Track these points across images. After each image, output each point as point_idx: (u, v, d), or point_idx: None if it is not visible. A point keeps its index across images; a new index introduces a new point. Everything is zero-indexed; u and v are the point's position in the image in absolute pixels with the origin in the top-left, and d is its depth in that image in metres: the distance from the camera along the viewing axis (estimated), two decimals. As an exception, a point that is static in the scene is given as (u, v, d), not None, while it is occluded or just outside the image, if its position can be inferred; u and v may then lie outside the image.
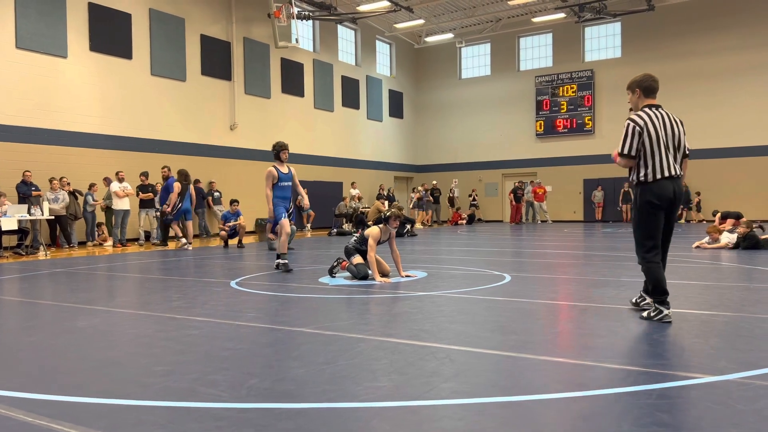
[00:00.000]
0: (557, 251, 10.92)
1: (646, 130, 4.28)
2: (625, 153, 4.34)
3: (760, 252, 9.74)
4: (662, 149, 4.27)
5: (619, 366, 3.14)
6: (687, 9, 23.03)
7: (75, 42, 14.88)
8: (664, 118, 4.33)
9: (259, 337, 4.01)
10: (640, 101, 4.47)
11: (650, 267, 4.32)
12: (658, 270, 4.30)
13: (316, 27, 23.28)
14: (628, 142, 4.33)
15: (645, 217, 4.33)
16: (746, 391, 2.68)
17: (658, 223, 4.32)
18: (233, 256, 10.83)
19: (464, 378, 2.97)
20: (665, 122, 4.32)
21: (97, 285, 7.21)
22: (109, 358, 3.54)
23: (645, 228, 4.35)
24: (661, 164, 4.27)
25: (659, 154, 4.27)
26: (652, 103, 4.43)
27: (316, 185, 22.43)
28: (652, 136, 4.27)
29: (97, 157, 15.18)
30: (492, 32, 26.67)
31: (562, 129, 25.88)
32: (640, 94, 4.47)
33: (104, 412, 2.58)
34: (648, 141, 4.27)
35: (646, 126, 4.28)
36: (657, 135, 4.27)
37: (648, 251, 4.34)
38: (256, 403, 2.64)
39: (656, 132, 4.27)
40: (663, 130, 4.30)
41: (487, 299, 5.47)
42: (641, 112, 4.39)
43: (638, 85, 4.47)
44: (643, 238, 4.36)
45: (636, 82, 4.50)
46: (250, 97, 19.96)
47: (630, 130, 4.32)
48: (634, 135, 4.30)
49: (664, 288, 4.27)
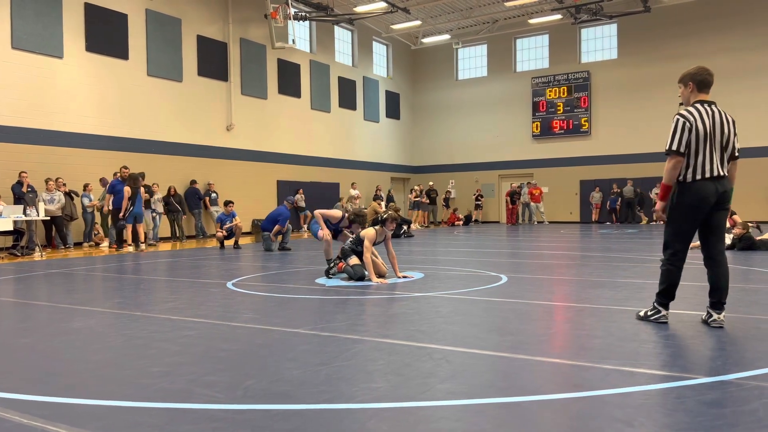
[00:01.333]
0: (554, 252, 10.94)
1: (695, 126, 4.00)
2: (674, 149, 4.02)
3: (756, 253, 9.77)
4: (708, 148, 4.00)
5: (615, 367, 3.15)
6: (683, 11, 23.11)
7: (71, 42, 14.84)
8: (715, 116, 4.03)
9: (256, 338, 4.01)
10: (692, 95, 4.17)
11: (670, 270, 4.19)
12: (677, 275, 4.17)
13: (313, 28, 23.27)
14: (677, 137, 4.02)
15: (679, 218, 4.12)
16: (741, 392, 2.69)
17: (692, 226, 4.10)
18: (230, 257, 10.82)
19: (461, 379, 2.98)
20: (716, 120, 4.03)
21: (93, 286, 7.20)
22: (105, 360, 3.53)
23: (677, 229, 4.15)
24: (704, 164, 4.01)
25: (704, 153, 4.00)
26: (705, 98, 4.13)
27: (313, 186, 22.43)
28: (700, 133, 3.99)
29: (93, 158, 15.15)
30: (489, 33, 26.71)
31: (558, 130, 25.93)
32: (693, 87, 4.16)
33: (100, 413, 2.58)
34: (695, 138, 4.00)
35: (696, 122, 4.00)
36: (705, 132, 3.99)
37: (673, 253, 4.17)
38: (252, 404, 2.63)
39: (705, 129, 3.99)
40: (713, 128, 4.01)
41: (483, 300, 5.47)
42: (691, 107, 4.10)
43: (692, 78, 4.15)
44: (672, 238, 4.18)
45: (690, 75, 4.17)
46: (247, 98, 19.95)
47: (680, 125, 4.03)
48: (684, 130, 4.01)
49: (673, 294, 4.22)
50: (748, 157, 21.83)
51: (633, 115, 24.02)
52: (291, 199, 14.24)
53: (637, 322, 4.28)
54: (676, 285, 4.21)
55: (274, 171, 20.98)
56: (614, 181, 24.04)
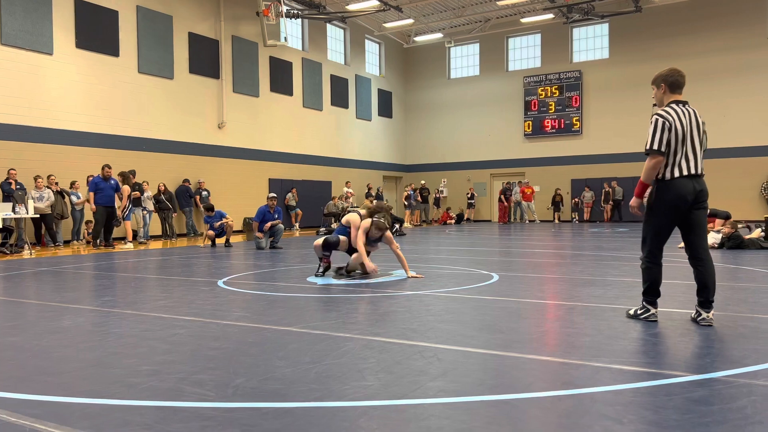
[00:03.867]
0: (545, 251, 10.98)
1: (674, 125, 4.09)
2: (655, 149, 4.08)
3: (745, 252, 9.85)
4: (687, 147, 4.11)
5: (605, 364, 3.16)
6: (674, 11, 23.24)
7: (61, 39, 14.74)
8: (690, 116, 4.15)
9: (246, 336, 4.00)
10: (665, 97, 4.28)
11: (651, 267, 4.25)
12: (658, 271, 4.24)
13: (305, 26, 23.23)
14: (657, 137, 4.09)
15: (657, 216, 4.18)
16: (730, 389, 2.71)
17: (670, 225, 4.17)
18: (221, 256, 10.78)
19: (451, 377, 2.98)
20: (691, 119, 4.14)
21: (83, 284, 7.15)
22: (95, 358, 3.51)
23: (655, 226, 4.21)
24: (681, 162, 4.09)
25: (682, 152, 4.10)
26: (678, 98, 4.24)
27: (305, 184, 22.40)
28: (678, 132, 4.08)
29: (83, 156, 15.05)
30: (481, 32, 26.76)
31: (550, 129, 26.02)
32: (666, 89, 4.28)
33: (89, 412, 2.56)
34: (674, 137, 4.09)
35: (674, 122, 4.09)
36: (683, 131, 4.09)
37: (651, 251, 4.24)
38: (242, 403, 2.63)
39: (682, 128, 4.09)
40: (689, 127, 4.12)
41: (474, 298, 5.48)
42: (668, 107, 4.19)
43: (664, 79, 4.28)
44: (652, 236, 4.23)
45: (662, 76, 4.29)
46: (239, 96, 19.89)
47: (659, 125, 4.09)
48: (663, 130, 4.08)
49: (657, 290, 4.27)
50: (739, 157, 22.05)
51: (624, 114, 24.14)
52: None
53: (626, 321, 4.31)
54: (659, 282, 4.27)
55: (266, 169, 20.94)
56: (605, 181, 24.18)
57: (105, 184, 12.93)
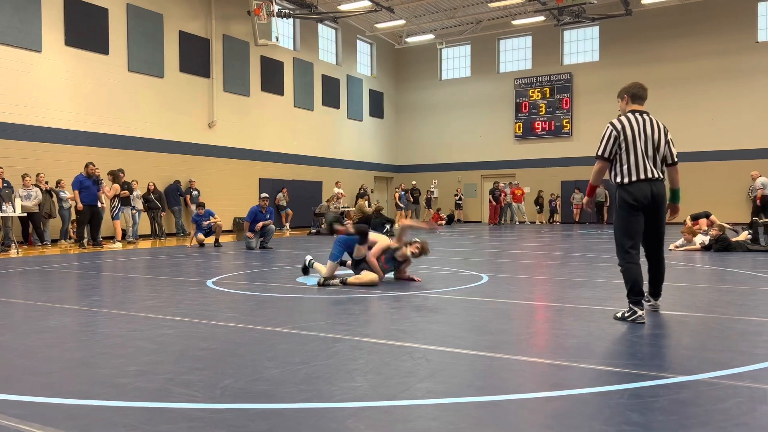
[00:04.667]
0: (534, 252, 11.02)
1: (622, 133, 4.42)
2: (599, 154, 4.53)
3: (732, 254, 9.93)
4: (639, 152, 4.38)
5: (593, 366, 3.18)
6: (664, 15, 23.40)
7: (50, 36, 14.61)
8: (644, 123, 4.43)
9: (235, 336, 3.98)
10: (627, 107, 4.62)
11: (629, 267, 4.39)
12: (636, 270, 4.36)
13: (297, 25, 23.18)
14: (603, 144, 4.51)
15: (624, 218, 4.44)
16: (715, 391, 2.74)
17: (637, 225, 4.41)
18: (210, 255, 10.74)
19: (440, 378, 2.99)
20: (645, 127, 4.42)
21: (70, 284, 7.10)
22: (81, 358, 3.48)
23: (624, 229, 4.44)
24: (637, 166, 4.38)
25: (635, 157, 4.38)
26: (638, 108, 4.56)
27: (296, 184, 22.35)
28: (629, 139, 4.39)
29: (72, 154, 14.92)
30: (472, 34, 26.82)
31: (540, 131, 26.12)
32: (628, 100, 4.63)
33: (75, 413, 2.54)
34: (624, 144, 4.41)
35: (623, 130, 4.42)
36: (634, 138, 4.39)
37: (626, 252, 4.41)
38: (230, 404, 2.62)
39: (633, 135, 4.39)
40: (641, 133, 4.41)
41: (464, 299, 5.49)
42: (622, 117, 4.53)
43: (626, 92, 4.64)
44: (622, 238, 4.45)
45: (625, 89, 4.66)
46: (229, 95, 19.81)
47: (607, 133, 4.49)
48: (609, 138, 4.47)
49: (640, 289, 4.34)
50: (727, 160, 22.25)
51: (613, 116, 24.14)
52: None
53: (614, 322, 4.33)
54: (641, 281, 4.37)
55: (257, 169, 20.87)
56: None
57: (89, 182, 12.83)
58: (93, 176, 12.93)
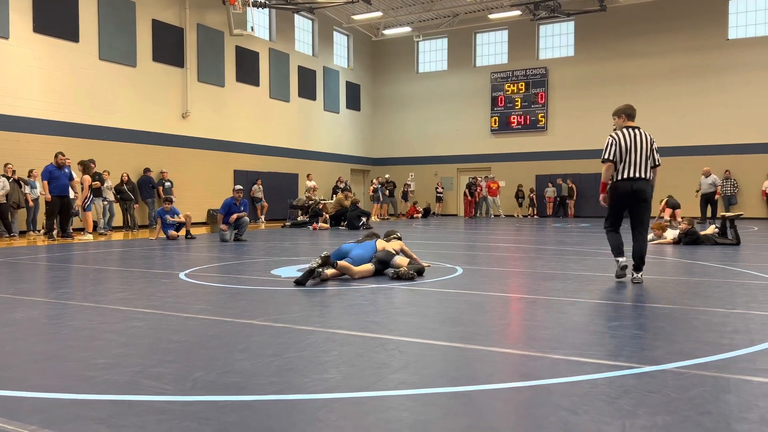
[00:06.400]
0: (509, 245, 11.11)
1: (617, 143, 5.87)
2: (606, 158, 5.93)
3: (700, 247, 10.14)
4: (629, 158, 5.82)
5: (563, 357, 3.22)
6: (638, 11, 23.70)
7: (18, 22, 14.24)
8: (635, 136, 5.86)
9: (207, 329, 3.94)
10: (623, 123, 6.03)
11: (609, 234, 6.22)
12: (616, 237, 6.14)
13: (273, 16, 22.95)
14: (608, 150, 5.94)
15: (611, 203, 6.08)
16: (681, 380, 2.79)
17: (619, 209, 6.07)
18: (183, 248, 10.61)
19: (413, 369, 3.00)
20: (636, 138, 5.84)
21: (38, 276, 6.95)
22: (48, 351, 3.42)
23: (610, 208, 6.13)
24: (624, 170, 5.86)
25: (624, 162, 5.85)
26: (631, 125, 5.99)
27: (271, 176, 22.19)
28: (622, 148, 5.85)
29: (42, 144, 14.59)
30: (449, 27, 26.85)
31: (516, 125, 26.30)
32: (625, 118, 6.03)
33: (41, 406, 2.49)
34: (619, 152, 5.87)
35: (619, 141, 5.88)
36: (626, 148, 5.84)
37: (608, 224, 6.22)
38: (200, 396, 2.59)
39: (626, 145, 5.84)
40: (632, 144, 5.83)
41: (438, 291, 5.52)
42: (618, 131, 5.96)
43: (623, 111, 6.07)
44: (609, 215, 6.21)
45: (621, 110, 6.08)
46: (204, 85, 19.55)
47: (609, 142, 5.95)
48: (611, 146, 5.92)
49: (619, 249, 6.05)
50: (697, 155, 22.66)
51: (588, 111, 24.55)
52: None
53: (585, 314, 4.40)
54: (621, 244, 6.08)
55: (231, 160, 20.66)
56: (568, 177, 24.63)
57: (59, 172, 12.54)
58: (63, 166, 12.65)
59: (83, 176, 13.07)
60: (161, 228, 12.73)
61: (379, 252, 6.55)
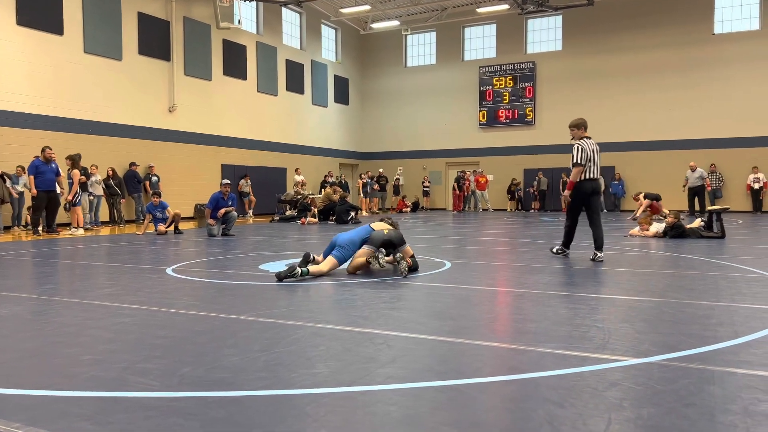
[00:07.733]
0: (497, 239, 11.16)
1: (586, 150, 7.29)
2: (577, 162, 7.27)
3: (686, 240, 10.24)
4: (591, 163, 7.32)
5: (550, 350, 3.24)
6: (624, 5, 23.81)
7: (0, 15, 14.03)
8: (593, 144, 7.40)
9: (194, 324, 3.93)
10: (582, 134, 7.48)
11: (569, 227, 7.77)
12: (572, 231, 7.78)
13: (260, 9, 22.79)
14: (580, 155, 7.29)
15: (574, 200, 7.52)
16: (666, 373, 2.82)
17: (580, 204, 7.54)
18: (171, 243, 10.55)
19: (401, 363, 3.00)
20: (595, 146, 7.40)
21: (23, 271, 6.89)
22: (33, 348, 3.39)
23: (572, 205, 7.59)
24: (590, 171, 7.35)
25: (588, 166, 7.33)
26: (587, 135, 7.49)
27: (259, 171, 22.10)
28: (589, 154, 7.30)
29: (26, 138, 14.43)
30: (437, 21, 26.82)
31: (504, 119, 26.37)
32: (583, 130, 7.50)
33: (26, 404, 2.47)
34: (585, 157, 7.27)
35: (586, 148, 7.30)
36: (589, 154, 7.31)
37: (572, 218, 7.72)
38: (188, 392, 2.58)
39: (591, 152, 7.32)
40: (595, 150, 7.36)
41: (426, 285, 5.53)
42: (582, 140, 7.37)
43: (582, 125, 7.54)
44: (569, 211, 7.68)
45: (580, 123, 7.54)
46: (190, 79, 19.40)
47: (580, 149, 7.30)
48: (583, 152, 7.28)
49: (570, 242, 7.86)
50: (682, 149, 22.84)
51: (575, 105, 24.63)
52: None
53: (572, 307, 4.43)
54: (572, 237, 7.82)
55: (219, 154, 20.55)
56: (556, 171, 24.74)
57: (46, 167, 12.39)
58: (50, 161, 12.52)
59: (72, 170, 12.93)
60: (151, 222, 12.63)
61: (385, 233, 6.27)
